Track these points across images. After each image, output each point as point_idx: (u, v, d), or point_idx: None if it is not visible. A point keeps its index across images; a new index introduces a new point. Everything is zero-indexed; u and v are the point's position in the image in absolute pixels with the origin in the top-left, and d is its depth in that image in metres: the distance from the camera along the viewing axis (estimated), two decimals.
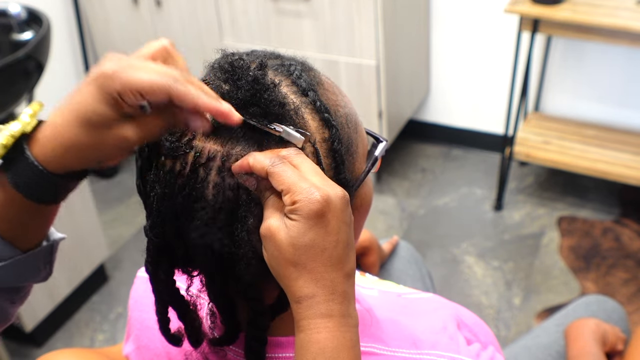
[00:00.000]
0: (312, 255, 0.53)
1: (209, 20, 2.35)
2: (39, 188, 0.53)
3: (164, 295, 0.63)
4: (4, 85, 1.64)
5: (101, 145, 0.52)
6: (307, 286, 0.53)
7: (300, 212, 0.52)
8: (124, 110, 0.51)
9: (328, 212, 0.52)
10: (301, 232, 0.52)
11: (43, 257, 0.60)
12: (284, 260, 0.53)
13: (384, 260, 1.25)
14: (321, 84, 0.60)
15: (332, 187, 0.53)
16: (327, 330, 0.53)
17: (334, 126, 0.58)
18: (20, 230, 0.57)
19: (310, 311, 0.53)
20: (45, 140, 0.52)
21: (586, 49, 2.25)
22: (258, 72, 0.56)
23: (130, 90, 0.49)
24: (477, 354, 0.67)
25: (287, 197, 0.52)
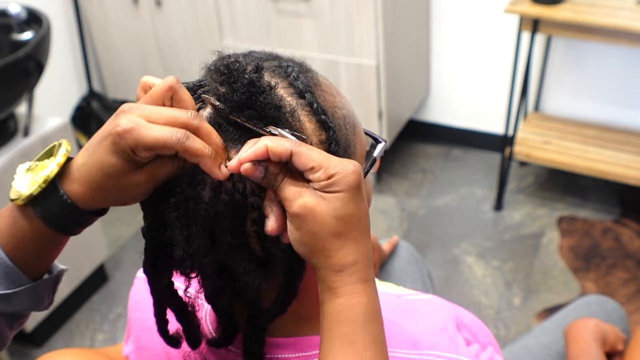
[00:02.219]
0: (355, 224, 0.55)
1: (209, 20, 2.35)
2: (68, 222, 0.57)
3: (162, 297, 0.63)
4: (4, 85, 1.64)
5: (121, 190, 0.56)
6: (351, 254, 0.55)
7: (341, 184, 0.53)
8: (137, 162, 0.54)
9: (361, 183, 0.54)
10: (345, 203, 0.53)
11: (49, 287, 0.62)
12: (327, 233, 0.54)
13: (384, 260, 1.25)
14: (319, 86, 0.60)
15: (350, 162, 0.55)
16: (366, 294, 0.55)
17: (331, 128, 0.58)
18: (34, 259, 0.59)
19: (353, 277, 0.55)
20: (76, 182, 0.56)
21: (586, 49, 2.25)
22: (254, 75, 0.56)
23: (143, 148, 0.53)
24: (476, 354, 0.67)
25: (322, 173, 0.53)
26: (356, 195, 0.54)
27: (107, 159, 0.54)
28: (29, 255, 0.58)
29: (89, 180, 0.55)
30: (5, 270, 0.57)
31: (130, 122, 0.53)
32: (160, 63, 2.55)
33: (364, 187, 0.56)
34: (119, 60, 2.63)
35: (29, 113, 1.78)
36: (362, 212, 0.55)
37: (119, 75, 2.67)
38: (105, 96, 2.67)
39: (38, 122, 1.85)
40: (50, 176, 0.55)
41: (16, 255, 0.57)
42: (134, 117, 0.53)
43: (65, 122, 1.88)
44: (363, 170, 0.63)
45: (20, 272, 0.58)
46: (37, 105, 1.97)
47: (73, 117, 2.58)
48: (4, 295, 0.58)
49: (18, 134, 1.79)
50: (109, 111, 2.58)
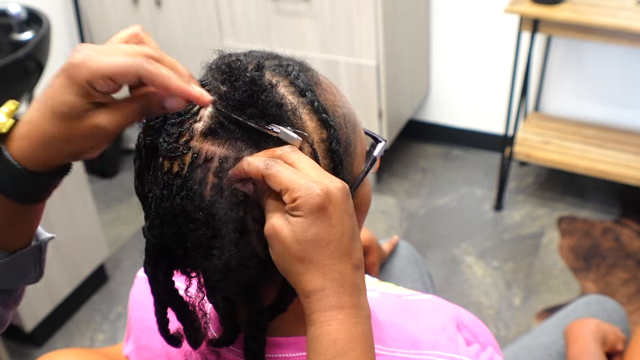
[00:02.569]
0: (318, 249, 0.53)
1: (209, 20, 2.35)
2: (20, 187, 0.53)
3: (163, 296, 0.63)
4: (4, 85, 1.64)
5: (75, 137, 0.51)
6: (315, 280, 0.53)
7: (302, 208, 0.52)
8: (95, 98, 0.50)
9: (329, 204, 0.52)
10: (304, 227, 0.52)
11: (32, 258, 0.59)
12: (290, 257, 0.53)
13: (384, 260, 1.25)
14: (319, 84, 0.60)
15: (331, 179, 0.53)
16: (337, 322, 0.53)
17: (332, 126, 0.58)
18: (6, 231, 0.56)
19: (320, 304, 0.53)
20: (22, 138, 0.52)
21: (586, 49, 2.25)
22: (255, 73, 0.55)
23: (100, 76, 0.49)
24: (476, 354, 0.67)
25: (287, 196, 0.52)
26: (319, 220, 0.52)
27: (61, 97, 0.50)
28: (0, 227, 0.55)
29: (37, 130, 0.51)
30: None
31: (86, 54, 0.49)
32: None
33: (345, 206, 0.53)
34: None
35: None
36: (329, 236, 0.52)
37: None
38: None
39: None
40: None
41: None
42: (89, 50, 0.50)
43: None
44: (362, 171, 0.63)
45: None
46: None
47: None
48: None
49: None
50: None
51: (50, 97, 0.50)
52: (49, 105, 0.50)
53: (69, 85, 0.49)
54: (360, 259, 0.55)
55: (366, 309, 0.55)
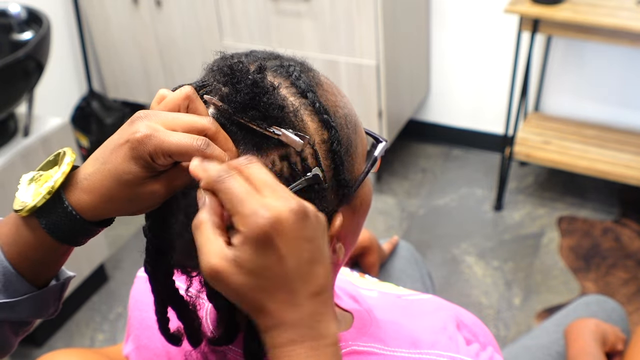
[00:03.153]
0: (269, 286, 0.49)
1: (209, 20, 2.35)
2: (73, 233, 0.56)
3: (163, 295, 0.63)
4: (4, 85, 1.64)
5: (135, 200, 0.55)
6: (270, 317, 0.50)
7: (247, 241, 0.48)
8: (155, 170, 0.53)
9: (276, 236, 0.48)
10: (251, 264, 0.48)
11: (54, 294, 0.61)
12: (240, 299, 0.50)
13: (384, 260, 1.25)
14: (320, 85, 0.60)
15: (285, 201, 0.49)
16: (297, 357, 0.50)
17: (333, 127, 0.58)
18: (39, 269, 0.58)
19: (277, 340, 0.50)
20: (83, 192, 0.55)
21: (586, 49, 2.25)
22: (257, 76, 0.55)
23: (162, 154, 0.52)
24: (476, 354, 0.67)
25: (235, 220, 0.49)
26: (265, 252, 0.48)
27: (124, 166, 0.53)
28: (32, 264, 0.57)
29: (100, 189, 0.54)
30: (9, 279, 0.57)
31: (149, 128, 0.52)
32: (160, 63, 2.55)
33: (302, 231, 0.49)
34: (119, 60, 2.63)
35: (29, 113, 1.78)
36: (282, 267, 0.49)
37: (119, 75, 2.68)
38: (105, 96, 2.67)
39: (38, 122, 1.85)
40: (54, 187, 0.54)
41: (19, 263, 0.57)
42: (152, 123, 0.52)
43: (65, 122, 1.88)
44: (363, 172, 0.62)
45: (23, 280, 0.57)
46: (37, 105, 1.97)
47: (73, 117, 2.58)
48: (8, 303, 0.57)
49: (18, 134, 1.79)
50: (109, 111, 2.58)
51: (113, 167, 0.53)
52: (112, 173, 0.53)
53: (133, 158, 0.52)
54: (322, 284, 0.51)
55: (330, 336, 0.52)
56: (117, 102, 2.72)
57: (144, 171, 0.53)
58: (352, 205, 0.62)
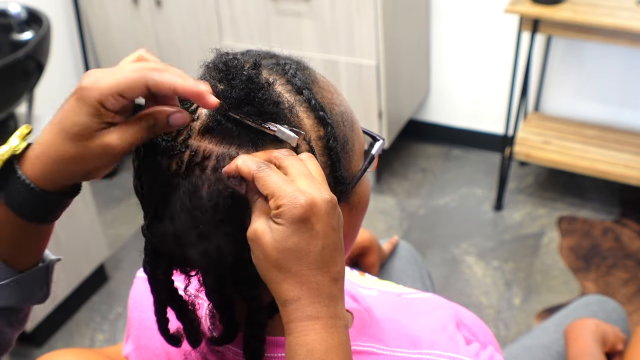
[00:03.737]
0: (296, 259, 0.52)
1: (209, 20, 2.35)
2: (32, 206, 0.54)
3: (163, 295, 0.63)
4: (4, 85, 1.64)
5: (87, 156, 0.53)
6: (292, 289, 0.53)
7: (284, 217, 0.52)
8: (106, 118, 0.52)
9: (312, 216, 0.52)
10: (285, 236, 0.52)
11: (40, 278, 0.60)
12: (268, 264, 0.53)
13: (384, 260, 1.25)
14: (316, 83, 0.60)
15: (319, 190, 0.53)
16: (314, 332, 0.53)
17: (329, 124, 0.58)
18: (16, 251, 0.57)
19: (296, 314, 0.53)
20: (35, 158, 0.53)
21: (586, 49, 2.25)
22: (252, 72, 0.56)
23: (111, 94, 0.50)
24: (476, 353, 0.67)
25: (272, 202, 0.52)
26: (300, 229, 0.52)
27: (72, 118, 0.51)
28: (9, 245, 0.56)
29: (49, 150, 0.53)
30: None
31: (95, 76, 0.51)
32: None
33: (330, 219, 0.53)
34: (119, 60, 2.58)
35: (29, 113, 1.78)
36: (309, 247, 0.52)
37: None
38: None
39: (38, 122, 1.84)
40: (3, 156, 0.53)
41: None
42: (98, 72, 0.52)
43: None
44: (360, 169, 0.63)
45: (3, 264, 0.57)
46: (37, 105, 1.97)
47: None
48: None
49: None
50: None
51: (62, 119, 0.52)
52: (61, 127, 0.52)
53: (80, 106, 0.51)
54: (340, 272, 0.55)
55: (343, 318, 0.55)
56: None
57: (94, 120, 0.51)
58: (349, 203, 0.63)
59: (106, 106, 0.51)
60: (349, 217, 0.63)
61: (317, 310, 0.53)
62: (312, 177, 0.54)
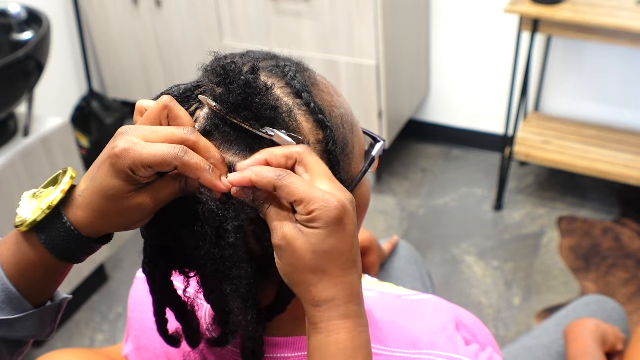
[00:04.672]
0: (332, 260, 0.54)
1: (209, 20, 2.35)
2: (72, 250, 0.57)
3: (162, 296, 0.63)
4: (4, 85, 1.64)
5: (125, 213, 0.55)
6: (327, 290, 0.54)
7: (320, 220, 0.52)
8: (139, 182, 0.54)
9: (345, 217, 0.53)
10: (321, 238, 0.53)
11: (51, 315, 0.62)
12: (303, 267, 0.54)
13: (384, 260, 1.25)
14: (316, 85, 0.60)
15: (343, 191, 0.54)
16: (346, 331, 0.54)
17: (329, 127, 0.58)
18: (38, 286, 0.59)
19: (330, 313, 0.54)
20: (79, 209, 0.56)
21: (586, 49, 2.25)
22: (250, 76, 0.55)
23: (141, 166, 0.53)
24: (475, 354, 0.67)
25: (302, 208, 0.53)
26: (336, 231, 0.53)
27: (107, 181, 0.54)
28: (32, 282, 0.58)
29: (91, 206, 0.55)
30: (8, 296, 0.57)
31: (127, 142, 0.53)
32: (160, 63, 2.55)
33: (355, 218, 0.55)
34: (119, 60, 2.63)
35: (29, 113, 1.78)
36: (344, 247, 0.54)
37: (119, 75, 2.68)
38: (105, 96, 2.67)
39: (38, 122, 1.85)
40: (54, 203, 0.55)
41: (20, 281, 0.57)
42: (131, 137, 0.53)
43: (65, 122, 1.88)
44: (360, 171, 0.63)
45: (23, 298, 0.58)
46: (37, 105, 1.97)
47: (73, 117, 2.58)
48: (7, 320, 0.57)
49: (18, 134, 1.79)
50: (109, 111, 2.58)
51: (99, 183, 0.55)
52: (99, 189, 0.54)
53: (114, 172, 0.53)
54: (361, 269, 0.57)
55: (366, 318, 0.57)
56: (117, 102, 2.72)
57: (127, 185, 0.54)
58: None
59: (137, 174, 0.53)
60: None
61: (349, 309, 0.55)
62: (332, 177, 0.55)
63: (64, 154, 1.88)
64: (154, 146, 0.53)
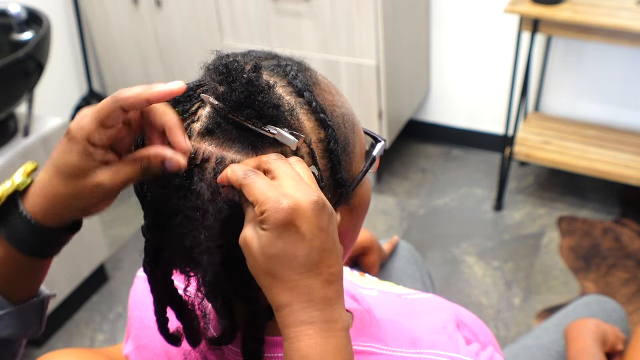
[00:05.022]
0: (284, 264, 0.52)
1: (209, 20, 2.35)
2: (33, 242, 0.55)
3: (162, 295, 0.63)
4: (4, 85, 1.64)
5: (80, 194, 0.54)
6: (281, 294, 0.53)
7: (268, 222, 0.52)
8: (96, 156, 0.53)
9: (296, 219, 0.51)
10: (270, 241, 0.52)
11: (35, 312, 0.62)
12: (259, 270, 0.53)
13: (384, 260, 1.25)
14: (317, 84, 0.60)
15: (306, 192, 0.52)
16: (308, 337, 0.53)
17: (330, 126, 0.58)
18: (13, 284, 0.58)
19: (289, 319, 0.53)
20: (35, 195, 0.54)
21: (586, 49, 2.25)
22: (252, 74, 0.55)
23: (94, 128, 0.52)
24: (476, 353, 0.67)
25: (257, 208, 0.52)
26: (285, 234, 0.51)
27: (65, 158, 0.53)
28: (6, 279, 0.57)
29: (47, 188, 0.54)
30: None
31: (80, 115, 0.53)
32: (160, 63, 2.55)
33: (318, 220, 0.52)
34: (119, 60, 2.63)
35: (29, 113, 1.78)
36: (295, 251, 0.52)
37: (119, 75, 2.68)
38: (105, 96, 2.67)
39: (38, 122, 1.85)
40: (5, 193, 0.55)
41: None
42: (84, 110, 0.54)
43: (65, 122, 1.88)
44: (361, 171, 0.62)
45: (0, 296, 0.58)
46: (37, 105, 1.97)
47: (73, 117, 2.57)
48: None
49: (18, 134, 1.79)
50: None
51: (57, 159, 0.53)
52: (56, 166, 0.53)
53: (71, 146, 0.52)
54: (335, 273, 0.54)
55: (341, 321, 0.54)
56: None
57: (84, 159, 0.52)
58: (350, 205, 0.62)
59: (94, 142, 0.52)
60: (349, 218, 0.63)
61: (310, 315, 0.53)
62: (299, 179, 0.53)
63: None
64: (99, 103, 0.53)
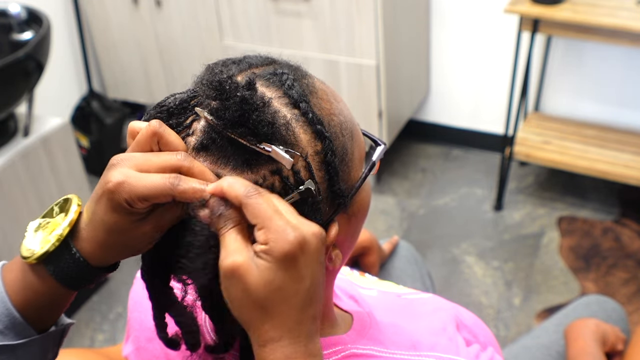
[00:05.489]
0: (282, 299, 0.51)
1: (209, 20, 2.35)
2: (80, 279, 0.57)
3: (161, 302, 0.62)
4: (4, 85, 1.64)
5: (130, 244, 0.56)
6: (273, 330, 0.52)
7: (272, 253, 0.50)
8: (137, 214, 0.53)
9: (301, 255, 0.50)
10: (271, 273, 0.50)
11: (55, 340, 0.62)
12: (251, 303, 0.51)
13: (384, 260, 1.25)
14: (314, 93, 0.59)
15: (308, 226, 0.51)
16: None
17: (327, 138, 0.57)
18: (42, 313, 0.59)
19: (274, 354, 0.52)
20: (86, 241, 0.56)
21: (586, 49, 2.25)
22: (246, 93, 0.54)
23: (137, 199, 0.52)
24: (476, 355, 0.67)
25: (261, 233, 0.50)
26: (289, 269, 0.50)
27: (107, 217, 0.53)
28: (38, 309, 0.58)
29: (96, 239, 0.55)
30: (13, 322, 0.57)
31: (120, 174, 0.52)
32: (160, 63, 2.55)
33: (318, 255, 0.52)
34: (119, 60, 2.63)
35: (29, 113, 1.78)
36: (298, 287, 0.51)
37: (119, 75, 2.68)
38: (105, 96, 2.67)
39: (38, 122, 1.85)
40: (63, 235, 0.55)
41: (25, 308, 0.57)
42: (124, 169, 0.53)
43: (65, 122, 1.88)
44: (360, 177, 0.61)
45: (27, 324, 0.58)
46: (37, 105, 1.97)
47: (73, 117, 2.58)
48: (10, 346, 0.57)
49: (18, 134, 1.79)
50: (109, 111, 2.58)
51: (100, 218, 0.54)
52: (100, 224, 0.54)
53: (112, 208, 0.53)
54: (320, 309, 0.54)
55: (317, 354, 0.54)
56: (117, 102, 2.72)
57: (128, 217, 0.53)
58: (349, 212, 0.61)
59: (135, 207, 0.53)
60: (348, 225, 0.62)
61: (295, 349, 0.52)
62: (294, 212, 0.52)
63: (64, 154, 1.87)
64: (148, 178, 0.52)
